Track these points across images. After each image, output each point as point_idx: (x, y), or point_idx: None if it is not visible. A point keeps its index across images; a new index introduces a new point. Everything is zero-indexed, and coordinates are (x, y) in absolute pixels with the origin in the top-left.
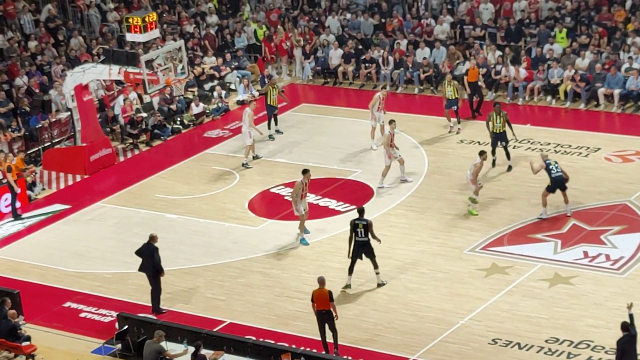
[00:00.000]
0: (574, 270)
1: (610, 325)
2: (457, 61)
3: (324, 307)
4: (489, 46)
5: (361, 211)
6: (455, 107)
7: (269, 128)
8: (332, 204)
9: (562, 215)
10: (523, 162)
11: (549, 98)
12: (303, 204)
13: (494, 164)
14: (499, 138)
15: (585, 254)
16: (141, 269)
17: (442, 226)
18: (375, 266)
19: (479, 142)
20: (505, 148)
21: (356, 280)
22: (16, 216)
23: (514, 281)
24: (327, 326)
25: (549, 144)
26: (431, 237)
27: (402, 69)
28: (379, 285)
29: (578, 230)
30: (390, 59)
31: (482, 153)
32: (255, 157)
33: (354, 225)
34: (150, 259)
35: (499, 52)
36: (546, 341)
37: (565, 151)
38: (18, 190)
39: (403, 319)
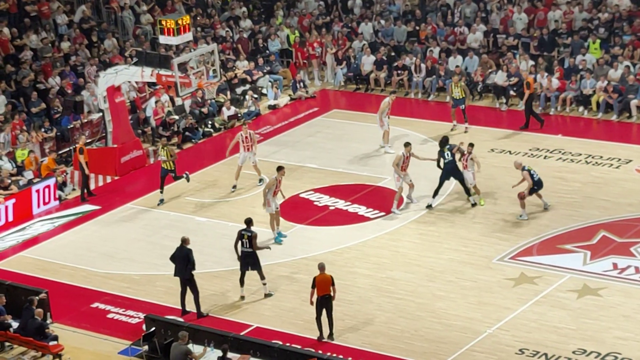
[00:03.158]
0: (603, 281)
1: (639, 337)
2: (490, 70)
3: (326, 292)
4: (522, 55)
5: (248, 222)
6: (463, 105)
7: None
8: (362, 210)
9: (592, 227)
10: (554, 172)
11: (581, 109)
12: (275, 202)
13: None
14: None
15: (615, 265)
16: (176, 273)
17: (472, 235)
18: (262, 277)
19: (509, 152)
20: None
21: (385, 287)
22: (84, 199)
23: (542, 291)
24: (324, 312)
25: (580, 154)
26: (460, 246)
27: (434, 76)
28: (266, 295)
29: (608, 242)
30: (423, 66)
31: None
32: None
33: (240, 236)
34: (185, 262)
35: (532, 62)
36: (574, 352)
37: (596, 162)
38: (87, 172)
39: (430, 326)
